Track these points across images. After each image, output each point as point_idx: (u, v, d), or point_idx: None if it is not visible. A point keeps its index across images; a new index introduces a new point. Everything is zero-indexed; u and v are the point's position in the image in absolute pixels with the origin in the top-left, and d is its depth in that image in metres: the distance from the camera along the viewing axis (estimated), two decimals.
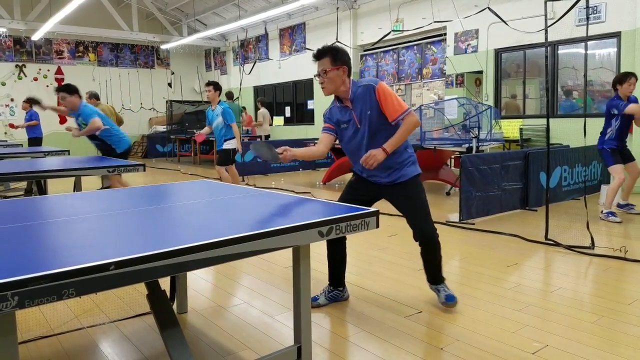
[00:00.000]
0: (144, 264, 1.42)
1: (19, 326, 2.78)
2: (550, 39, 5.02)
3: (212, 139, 10.74)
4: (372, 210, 2.12)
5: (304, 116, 14.55)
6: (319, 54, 2.85)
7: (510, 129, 9.07)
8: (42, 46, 15.27)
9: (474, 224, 5.31)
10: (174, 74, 17.79)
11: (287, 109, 15.09)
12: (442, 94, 10.55)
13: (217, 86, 6.63)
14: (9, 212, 2.17)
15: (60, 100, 5.88)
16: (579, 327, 2.74)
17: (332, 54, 2.82)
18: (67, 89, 5.61)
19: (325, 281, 3.27)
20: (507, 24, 7.25)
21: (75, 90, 5.65)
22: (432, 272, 3.05)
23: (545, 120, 4.95)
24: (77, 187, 5.19)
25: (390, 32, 9.82)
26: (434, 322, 2.83)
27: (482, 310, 2.95)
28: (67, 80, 15.55)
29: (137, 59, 17.02)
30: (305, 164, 11.12)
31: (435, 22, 8.97)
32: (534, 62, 8.97)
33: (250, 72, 12.85)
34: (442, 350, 2.49)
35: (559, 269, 3.81)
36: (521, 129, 8.88)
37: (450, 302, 2.99)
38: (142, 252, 1.44)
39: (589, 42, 7.83)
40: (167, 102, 16.20)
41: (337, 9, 11.26)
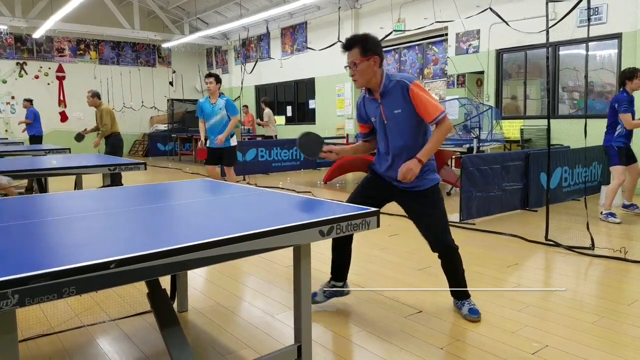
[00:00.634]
0: (144, 262, 1.42)
1: (19, 324, 2.78)
2: (551, 40, 5.02)
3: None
4: (372, 209, 2.11)
5: (305, 116, 14.56)
6: (348, 45, 2.67)
7: (511, 129, 9.07)
8: (43, 44, 15.26)
9: (474, 224, 5.31)
10: (175, 72, 17.79)
11: (289, 108, 15.10)
12: (444, 94, 10.54)
13: (218, 78, 6.29)
14: (10, 210, 2.17)
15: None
16: (578, 327, 2.74)
17: (362, 44, 2.64)
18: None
19: (325, 280, 3.27)
20: (508, 25, 7.24)
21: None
22: (456, 284, 2.90)
23: (546, 120, 4.95)
24: (78, 185, 5.19)
25: (391, 32, 9.80)
26: (434, 322, 2.83)
27: (482, 310, 2.95)
28: (67, 78, 15.59)
29: (139, 57, 17.02)
30: (306, 164, 11.12)
31: (436, 22, 8.96)
32: (535, 63, 8.96)
33: (251, 71, 12.84)
34: (442, 350, 2.49)
35: (559, 270, 3.81)
36: (522, 130, 8.88)
37: (473, 316, 2.83)
38: (143, 250, 1.44)
39: (590, 43, 7.81)
40: (168, 100, 16.22)
41: (339, 8, 11.27)
